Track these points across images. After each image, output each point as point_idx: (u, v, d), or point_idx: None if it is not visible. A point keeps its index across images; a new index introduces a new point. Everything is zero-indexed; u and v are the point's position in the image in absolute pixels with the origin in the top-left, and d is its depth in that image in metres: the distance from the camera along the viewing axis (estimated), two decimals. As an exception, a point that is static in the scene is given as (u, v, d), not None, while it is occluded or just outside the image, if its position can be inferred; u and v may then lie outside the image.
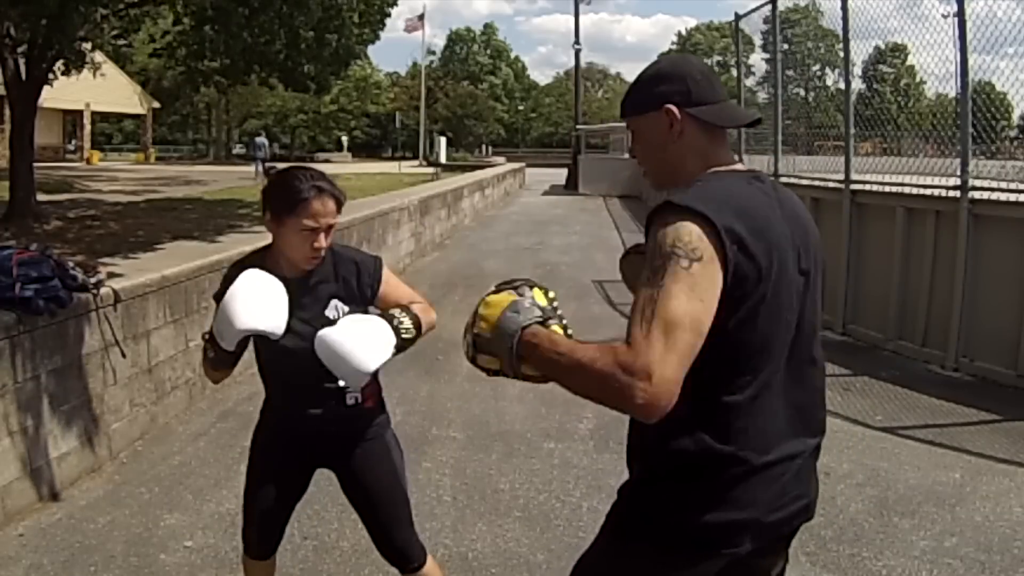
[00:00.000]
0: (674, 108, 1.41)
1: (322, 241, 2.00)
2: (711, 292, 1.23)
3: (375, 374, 2.02)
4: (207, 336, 1.96)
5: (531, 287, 1.44)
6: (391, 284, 2.18)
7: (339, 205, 2.03)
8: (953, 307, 5.50)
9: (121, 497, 3.56)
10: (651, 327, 1.19)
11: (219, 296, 2.02)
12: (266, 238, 2.16)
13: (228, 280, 2.04)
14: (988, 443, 4.21)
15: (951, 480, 3.76)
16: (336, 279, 2.10)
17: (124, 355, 4.03)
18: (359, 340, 1.89)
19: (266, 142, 29.26)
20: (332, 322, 2.02)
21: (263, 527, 2.24)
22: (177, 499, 3.53)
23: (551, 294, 1.46)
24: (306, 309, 2.03)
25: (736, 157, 1.48)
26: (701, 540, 1.35)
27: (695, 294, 1.21)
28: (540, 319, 1.36)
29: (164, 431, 4.41)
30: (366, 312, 2.10)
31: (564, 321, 1.41)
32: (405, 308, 2.05)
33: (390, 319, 1.99)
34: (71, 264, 3.83)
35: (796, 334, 1.37)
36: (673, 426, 1.30)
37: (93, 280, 3.86)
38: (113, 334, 3.94)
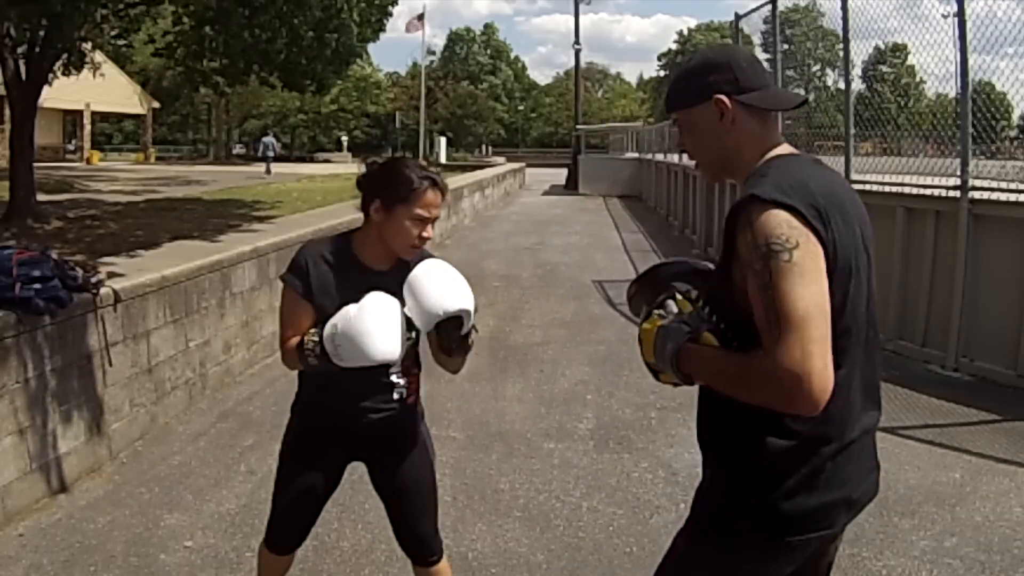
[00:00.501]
0: (724, 98, 1.40)
1: (430, 231, 2.01)
2: (820, 271, 1.25)
3: (419, 368, 2.14)
4: (315, 346, 1.89)
5: (673, 298, 1.47)
6: None
7: (444, 197, 2.06)
8: (953, 307, 5.50)
9: (121, 497, 3.56)
10: (781, 332, 1.21)
11: (290, 275, 2.02)
12: (266, 237, 2.16)
13: (303, 257, 2.03)
14: (988, 443, 4.20)
15: (951, 480, 3.76)
16: None
17: (111, 364, 3.98)
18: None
19: (273, 141, 29.74)
20: (408, 317, 2.01)
21: (294, 522, 2.24)
22: (177, 499, 3.53)
23: (693, 294, 1.48)
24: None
25: (785, 140, 1.48)
26: (800, 524, 1.35)
27: (806, 280, 1.22)
28: (689, 335, 1.38)
29: (164, 431, 4.41)
30: None
31: (714, 317, 1.41)
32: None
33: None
34: (71, 264, 3.83)
35: (867, 310, 1.38)
36: (766, 415, 1.31)
37: (93, 280, 3.86)
38: (105, 339, 3.93)
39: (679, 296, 1.48)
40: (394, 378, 2.10)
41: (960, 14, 5.37)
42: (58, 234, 8.04)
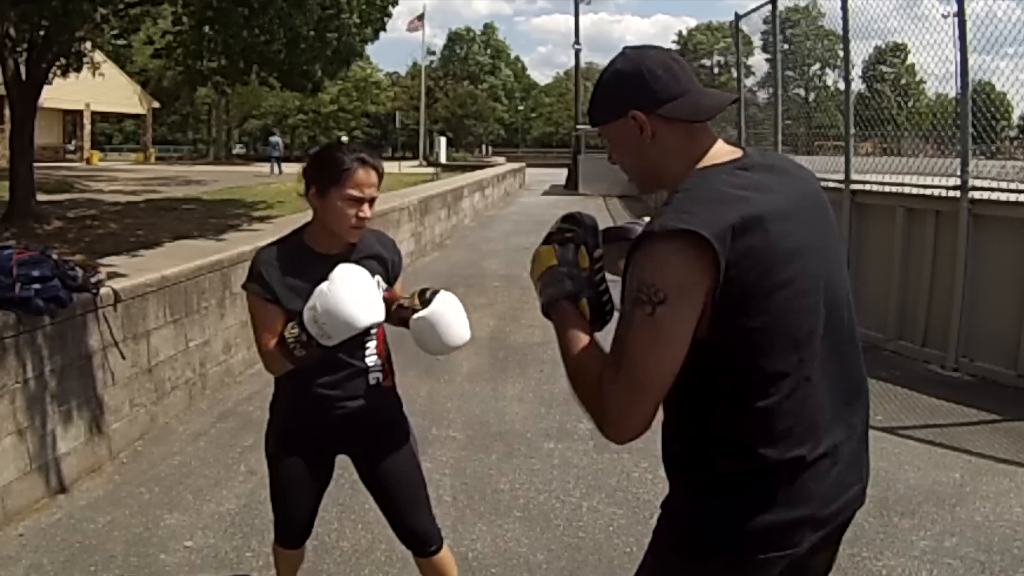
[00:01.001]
0: (640, 113, 1.32)
1: (366, 211, 2.03)
2: (679, 333, 1.21)
3: (388, 353, 2.19)
4: (298, 336, 1.91)
5: (579, 244, 1.42)
6: (400, 284, 2.28)
7: (380, 177, 2.07)
8: (953, 307, 5.50)
9: (121, 497, 3.56)
10: (617, 377, 1.23)
11: (251, 283, 2.05)
12: (267, 236, 2.18)
13: (259, 263, 2.06)
14: (988, 443, 4.20)
15: (951, 480, 3.76)
16: (378, 258, 2.15)
17: (124, 356, 4.03)
18: (459, 317, 2.10)
19: (280, 141, 29.91)
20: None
21: (295, 517, 2.26)
22: (177, 499, 3.53)
23: (597, 253, 1.43)
24: None
25: (718, 141, 1.38)
26: (761, 542, 1.30)
27: (659, 343, 1.20)
28: (568, 294, 1.38)
29: (164, 431, 4.41)
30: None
31: (602, 287, 1.40)
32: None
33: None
34: (71, 264, 3.83)
35: (827, 314, 1.30)
36: (715, 441, 1.29)
37: (93, 280, 3.86)
38: (112, 335, 3.94)
39: (584, 248, 1.42)
40: (369, 361, 2.12)
41: (960, 14, 5.36)
42: (58, 234, 8.04)
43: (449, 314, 2.04)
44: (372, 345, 2.13)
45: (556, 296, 1.39)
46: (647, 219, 1.51)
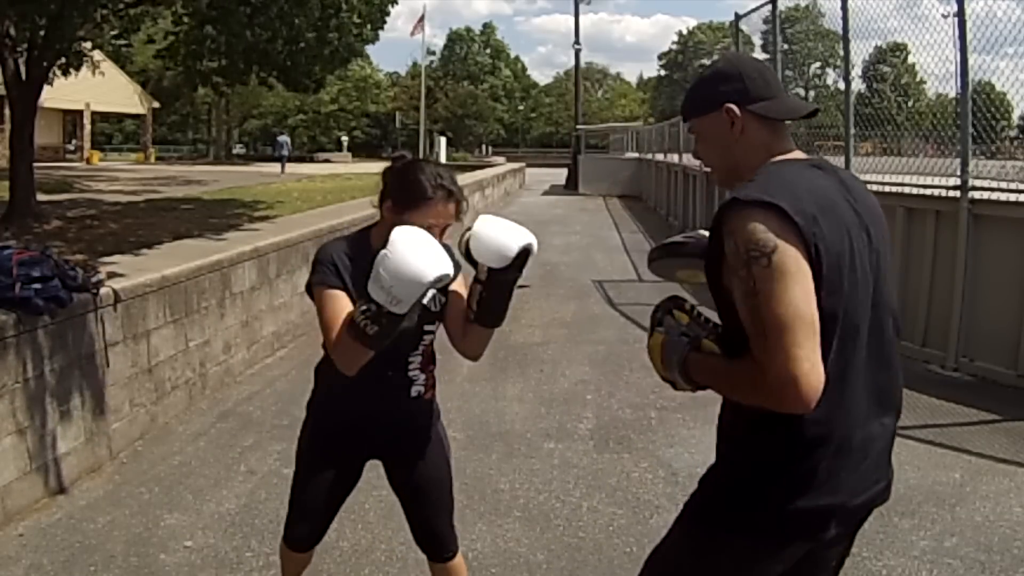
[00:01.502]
0: (734, 107, 1.45)
1: (438, 239, 1.95)
2: (800, 273, 1.25)
3: (434, 364, 2.14)
4: (367, 311, 1.76)
5: (671, 313, 1.53)
6: (459, 285, 2.15)
7: (460, 208, 2.02)
8: (953, 307, 5.50)
9: (121, 497, 3.56)
10: (766, 339, 1.24)
11: (315, 276, 1.95)
12: (266, 237, 2.16)
13: (323, 255, 1.98)
14: (988, 443, 4.20)
15: (951, 480, 3.76)
16: None
17: (108, 364, 3.98)
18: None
19: (288, 140, 30.04)
20: (429, 311, 2.03)
21: (313, 521, 2.23)
22: (177, 499, 3.53)
23: (687, 305, 1.54)
24: None
25: (794, 146, 1.50)
26: (790, 527, 1.36)
27: (787, 284, 1.24)
28: (689, 345, 1.45)
29: (164, 431, 4.41)
30: (441, 310, 2.10)
31: (710, 323, 1.49)
32: None
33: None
34: (71, 264, 3.84)
35: (873, 312, 1.38)
36: (764, 417, 1.32)
37: (93, 280, 3.86)
38: (104, 339, 3.93)
39: (675, 311, 1.53)
40: (412, 373, 2.09)
41: (960, 14, 5.36)
42: (58, 234, 8.04)
43: (492, 225, 1.97)
44: (417, 359, 2.10)
45: (681, 354, 1.44)
46: (702, 232, 1.66)
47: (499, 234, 1.94)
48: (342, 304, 1.90)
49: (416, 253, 1.74)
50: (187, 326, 4.81)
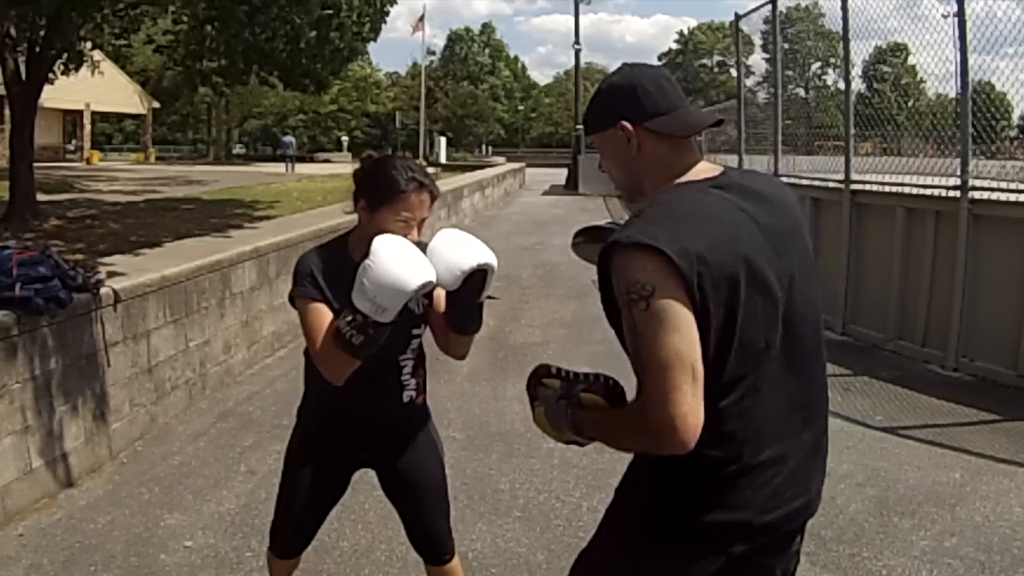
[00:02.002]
0: (628, 124, 1.39)
1: (415, 234, 1.96)
2: (679, 317, 1.23)
3: (424, 370, 2.12)
4: (351, 321, 1.78)
5: (541, 382, 1.54)
6: (440, 291, 2.10)
7: (433, 199, 2.01)
8: (953, 307, 5.50)
9: (121, 497, 3.56)
10: (645, 380, 1.25)
11: (297, 288, 1.96)
12: (266, 237, 2.16)
13: (303, 267, 1.98)
14: (988, 443, 4.20)
15: (951, 480, 3.76)
16: None
17: (109, 364, 3.98)
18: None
19: (293, 140, 30.18)
20: (413, 314, 2.02)
21: (299, 528, 2.21)
22: (177, 499, 3.53)
23: (554, 369, 1.55)
24: None
25: (702, 159, 1.46)
26: (696, 539, 1.36)
27: (666, 328, 1.23)
28: (568, 405, 1.45)
29: (164, 431, 4.41)
30: (425, 312, 2.09)
31: (582, 376, 1.48)
32: None
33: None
34: (71, 264, 3.84)
35: (786, 331, 1.35)
36: None
37: (93, 280, 3.86)
38: (104, 340, 3.93)
39: (545, 380, 1.53)
40: (404, 378, 2.07)
41: (960, 14, 5.37)
42: (58, 234, 8.04)
43: (446, 241, 1.91)
44: (409, 364, 2.08)
45: (568, 420, 1.44)
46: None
47: (451, 252, 1.87)
48: (323, 315, 1.92)
49: (398, 262, 1.76)
50: (187, 326, 4.81)
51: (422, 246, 1.90)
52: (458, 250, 1.88)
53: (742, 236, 1.31)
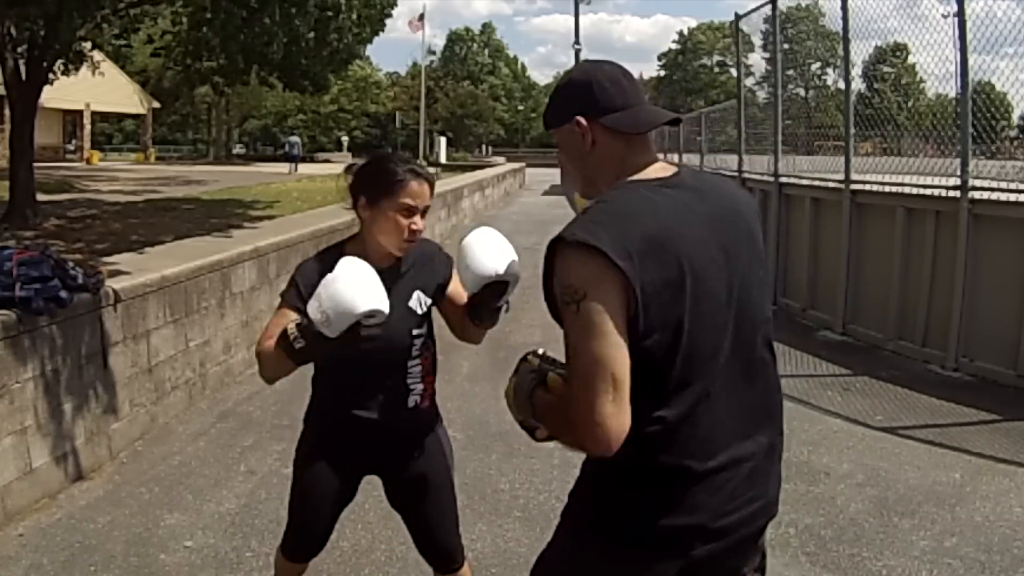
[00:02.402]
0: (583, 119, 1.39)
1: (419, 223, 1.97)
2: (609, 322, 1.23)
3: (434, 374, 2.12)
4: (299, 323, 1.80)
5: (525, 358, 1.58)
6: (456, 283, 2.12)
7: (432, 188, 2.02)
8: (953, 307, 5.50)
9: (121, 497, 3.56)
10: (574, 382, 1.26)
11: (287, 292, 1.98)
12: (266, 237, 2.15)
13: (298, 277, 1.99)
14: (988, 443, 4.20)
15: (951, 480, 3.76)
16: (420, 269, 2.08)
17: (106, 365, 3.98)
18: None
19: (298, 140, 30.22)
20: (415, 314, 2.03)
21: (310, 535, 2.20)
22: (177, 499, 3.53)
23: (540, 351, 1.58)
24: (392, 302, 1.90)
25: (658, 160, 1.44)
26: (651, 543, 1.35)
27: (593, 333, 1.23)
28: (535, 379, 1.48)
29: (164, 431, 4.41)
30: (430, 310, 2.10)
31: (560, 363, 1.47)
32: None
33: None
34: (71, 264, 3.83)
35: (736, 335, 1.34)
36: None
37: (93, 280, 3.86)
38: (103, 340, 3.93)
39: (528, 356, 1.56)
40: (411, 382, 2.05)
41: (960, 14, 5.37)
42: (58, 234, 8.03)
43: (483, 239, 1.96)
44: (417, 369, 2.07)
45: (527, 389, 1.47)
46: None
47: (480, 255, 1.92)
48: (283, 322, 1.91)
49: (355, 284, 1.77)
50: (187, 326, 4.81)
51: (424, 252, 2.00)
52: (487, 256, 1.91)
53: (688, 239, 1.29)
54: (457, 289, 2.10)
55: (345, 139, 54.12)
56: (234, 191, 15.50)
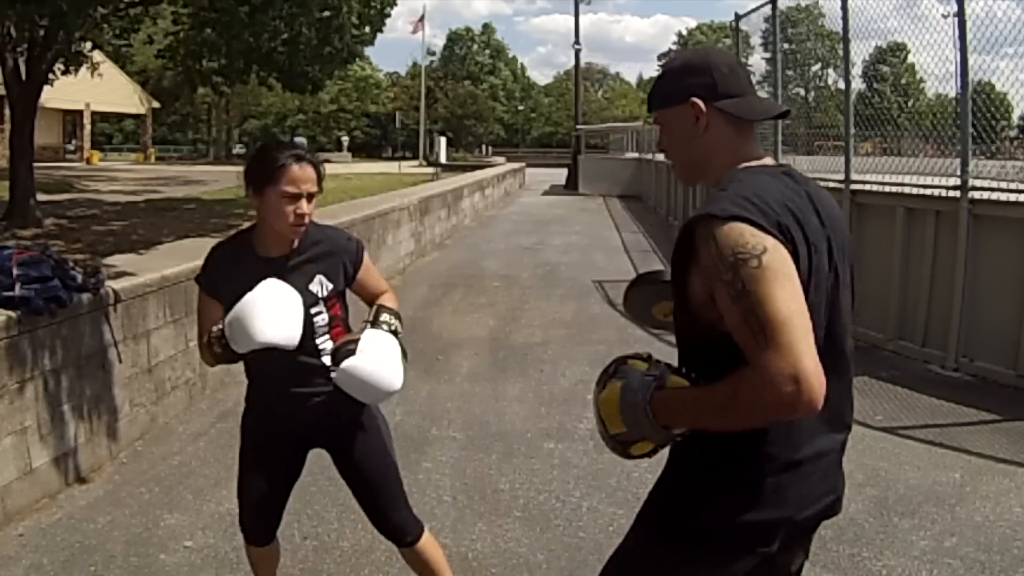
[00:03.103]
0: (699, 101, 1.38)
1: (304, 207, 2.04)
2: (791, 273, 1.22)
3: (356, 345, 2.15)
4: (218, 333, 1.98)
5: (625, 362, 1.43)
6: (370, 271, 2.26)
7: (319, 173, 2.09)
8: (953, 307, 5.50)
9: (121, 497, 3.56)
10: (765, 336, 1.17)
11: (202, 276, 2.11)
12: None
13: (210, 260, 2.12)
14: (988, 443, 4.20)
15: (951, 480, 3.76)
16: (321, 256, 2.16)
17: (120, 360, 4.01)
18: (385, 365, 2.02)
19: (304, 141, 30.08)
20: (316, 297, 2.11)
21: (259, 513, 2.27)
22: (177, 499, 3.53)
23: (645, 354, 1.44)
24: (292, 285, 2.06)
25: (762, 151, 1.46)
26: (735, 539, 1.34)
27: (779, 281, 1.20)
28: (656, 381, 1.33)
29: (164, 431, 4.41)
30: (345, 292, 2.19)
31: (671, 367, 1.39)
32: (389, 309, 2.17)
33: (393, 331, 2.11)
34: (71, 264, 3.83)
35: (830, 331, 1.35)
36: (711, 432, 1.31)
37: (93, 280, 3.86)
38: (112, 335, 3.94)
39: (630, 360, 1.43)
40: (326, 359, 2.13)
41: (960, 14, 5.36)
42: (58, 234, 8.03)
43: (372, 367, 2.03)
44: (328, 345, 2.14)
45: (647, 392, 1.33)
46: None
47: (370, 375, 2.02)
48: (211, 310, 2.10)
49: (267, 312, 1.91)
50: (187, 326, 4.81)
51: (326, 241, 2.17)
52: (374, 379, 2.02)
53: (812, 227, 1.31)
54: (367, 280, 2.24)
55: (345, 139, 54.12)
56: (234, 191, 15.50)
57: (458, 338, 6.37)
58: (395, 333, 2.12)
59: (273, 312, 1.92)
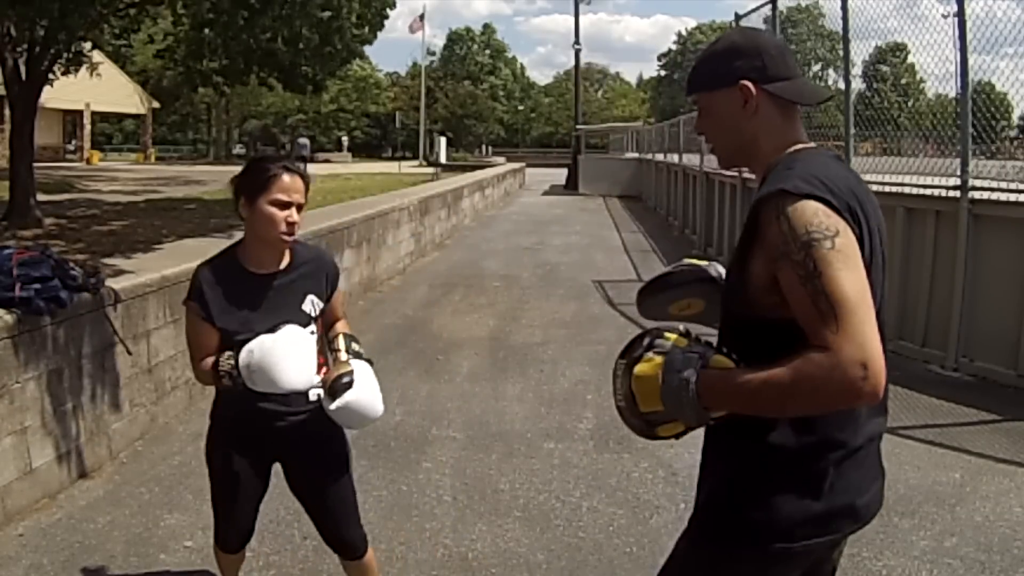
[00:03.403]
0: (750, 84, 1.36)
1: (295, 216, 2.05)
2: (859, 259, 1.21)
3: (326, 358, 2.21)
4: (230, 371, 1.98)
5: (662, 335, 1.34)
6: (340, 294, 2.30)
7: (306, 185, 2.11)
8: (953, 307, 5.50)
9: (121, 497, 3.56)
10: (836, 319, 1.15)
11: (191, 300, 2.09)
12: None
13: (198, 281, 2.10)
14: (988, 443, 4.20)
15: (951, 480, 3.76)
16: (310, 274, 2.19)
17: (130, 352, 4.04)
18: (376, 396, 2.08)
19: (307, 142, 30.11)
20: (309, 317, 2.13)
21: (236, 524, 2.32)
22: (177, 499, 3.53)
23: (682, 327, 1.37)
24: (283, 305, 2.09)
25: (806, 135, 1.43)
26: (803, 531, 1.31)
27: (850, 265, 1.19)
28: (700, 363, 1.27)
29: (164, 431, 4.41)
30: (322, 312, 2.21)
31: (712, 345, 1.33)
32: (351, 336, 2.21)
33: (368, 360, 2.16)
34: (71, 264, 3.83)
35: (876, 313, 1.33)
36: (770, 420, 1.29)
37: (93, 280, 3.86)
38: (115, 332, 3.94)
39: (666, 333, 1.35)
40: (312, 393, 2.15)
41: (960, 14, 5.36)
42: (58, 234, 8.03)
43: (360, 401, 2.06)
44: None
45: (695, 368, 1.26)
46: (687, 260, 1.63)
47: (358, 405, 2.05)
48: (204, 334, 2.08)
49: (290, 360, 1.95)
50: (187, 326, 4.81)
51: (315, 259, 2.19)
52: (367, 411, 2.07)
53: (869, 208, 1.31)
54: (336, 302, 2.26)
55: (345, 139, 54.13)
56: (234, 191, 15.49)
57: (458, 338, 6.37)
58: (369, 361, 2.17)
59: (295, 360, 1.96)
